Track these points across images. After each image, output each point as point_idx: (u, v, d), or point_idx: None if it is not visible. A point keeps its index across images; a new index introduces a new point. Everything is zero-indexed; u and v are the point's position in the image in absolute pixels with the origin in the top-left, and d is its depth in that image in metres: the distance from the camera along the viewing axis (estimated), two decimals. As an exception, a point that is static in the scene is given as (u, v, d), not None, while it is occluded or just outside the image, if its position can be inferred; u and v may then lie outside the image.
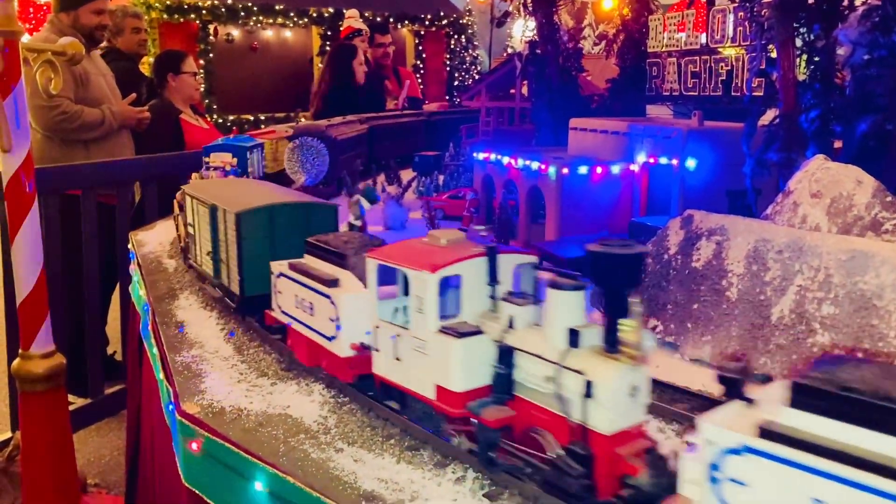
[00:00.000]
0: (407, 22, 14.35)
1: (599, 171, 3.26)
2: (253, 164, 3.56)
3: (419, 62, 14.65)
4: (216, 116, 11.84)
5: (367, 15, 10.77)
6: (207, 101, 11.85)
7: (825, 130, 2.77)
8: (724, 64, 3.47)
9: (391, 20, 13.42)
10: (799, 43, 2.84)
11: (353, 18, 8.45)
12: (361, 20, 8.54)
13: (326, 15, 13.09)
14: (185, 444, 1.75)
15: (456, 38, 15.14)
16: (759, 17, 3.00)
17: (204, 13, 12.09)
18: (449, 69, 15.12)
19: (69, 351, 3.86)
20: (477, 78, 12.93)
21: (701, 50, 3.61)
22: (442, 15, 14.82)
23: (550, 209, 3.27)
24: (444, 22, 14.89)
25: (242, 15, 12.48)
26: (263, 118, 12.39)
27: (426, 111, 7.21)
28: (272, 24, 13.00)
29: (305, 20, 13.11)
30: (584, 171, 3.23)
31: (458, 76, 15.14)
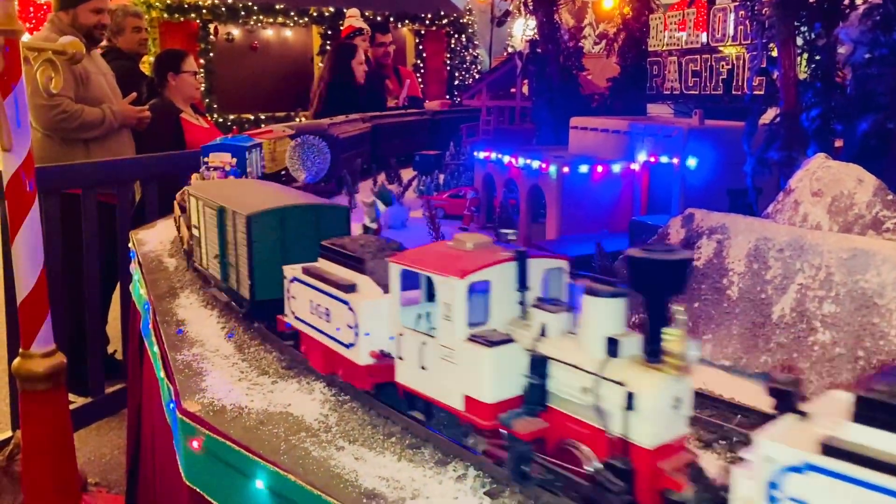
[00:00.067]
0: (407, 21, 14.34)
1: (600, 169, 3.26)
2: (252, 163, 3.56)
3: (419, 61, 14.64)
4: (216, 116, 11.83)
5: (367, 14, 10.76)
6: (208, 100, 11.85)
7: (826, 129, 2.77)
8: (724, 63, 3.47)
9: (391, 19, 13.42)
10: (800, 41, 2.84)
11: (354, 17, 8.44)
12: (362, 19, 8.53)
13: (327, 14, 13.09)
14: (185, 442, 1.75)
15: (456, 37, 15.13)
16: (759, 15, 3.00)
17: (204, 12, 12.08)
18: (449, 68, 15.11)
19: (70, 350, 3.85)
20: (477, 77, 12.93)
21: (702, 49, 3.61)
22: (442, 14, 14.82)
23: (551, 208, 3.27)
24: (444, 21, 14.88)
25: (243, 14, 12.48)
26: (264, 117, 12.38)
27: (430, 110, 7.18)
28: (272, 23, 13.00)
29: (306, 19, 13.12)
30: (584, 169, 3.23)
31: (458, 75, 15.12)
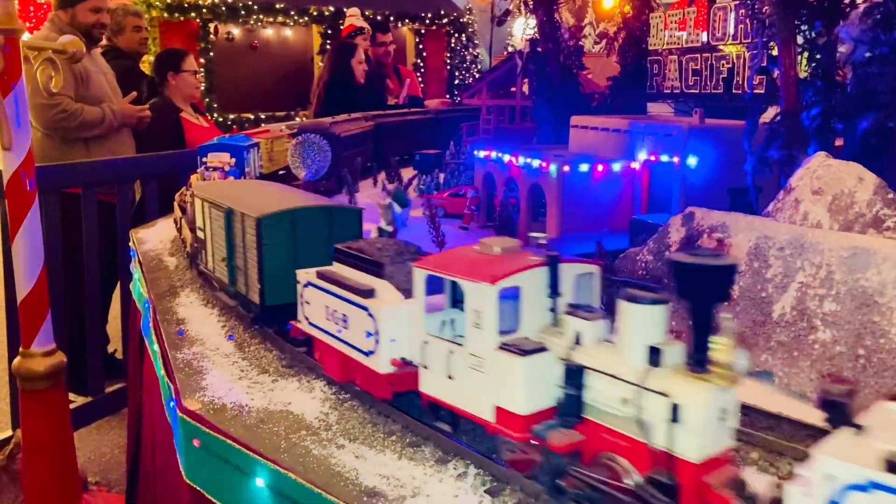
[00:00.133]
0: (407, 20, 14.33)
1: (600, 168, 3.26)
2: (250, 163, 3.56)
3: (420, 61, 14.63)
4: (216, 115, 11.83)
5: (367, 13, 10.75)
6: (208, 99, 11.84)
7: (826, 128, 2.77)
8: (725, 61, 3.47)
9: (391, 19, 13.41)
10: (800, 40, 2.84)
11: (354, 17, 8.44)
12: (362, 18, 8.53)
13: (327, 13, 13.08)
14: (186, 440, 1.75)
15: (456, 36, 15.12)
16: (760, 14, 3.00)
17: (204, 12, 12.08)
18: (449, 68, 15.10)
19: (70, 349, 3.86)
20: (477, 76, 12.93)
21: (702, 47, 3.61)
22: (442, 13, 14.81)
23: (551, 207, 3.27)
24: (444, 20, 14.87)
25: (243, 13, 12.47)
26: (264, 117, 12.37)
27: (433, 109, 7.17)
28: (272, 22, 12.99)
29: (306, 19, 13.11)
30: (584, 168, 3.23)
31: (458, 75, 15.11)
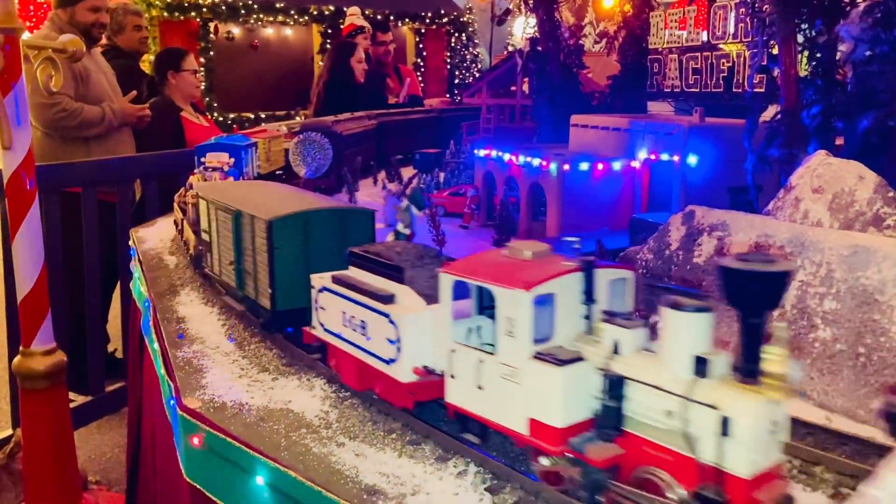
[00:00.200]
0: (407, 20, 14.33)
1: (600, 167, 3.26)
2: (248, 163, 3.57)
3: (420, 60, 14.62)
4: (216, 114, 11.82)
5: (367, 13, 10.75)
6: (208, 98, 11.84)
7: (827, 126, 2.77)
8: (725, 60, 3.47)
9: (392, 18, 13.41)
10: (800, 39, 2.84)
11: (354, 16, 8.44)
12: (363, 17, 8.53)
13: (327, 13, 13.08)
14: (186, 439, 1.75)
15: (456, 35, 15.11)
16: (760, 13, 3.00)
17: (204, 11, 12.07)
18: (449, 67, 15.09)
19: (70, 348, 3.85)
20: (478, 75, 12.92)
21: (702, 46, 3.61)
22: (442, 13, 14.80)
23: (551, 206, 3.27)
24: (444, 20, 14.86)
25: (243, 13, 12.47)
26: (264, 116, 12.36)
27: (436, 108, 7.18)
28: (273, 21, 12.98)
29: (306, 18, 13.11)
30: (585, 167, 3.23)
31: (458, 74, 15.11)
